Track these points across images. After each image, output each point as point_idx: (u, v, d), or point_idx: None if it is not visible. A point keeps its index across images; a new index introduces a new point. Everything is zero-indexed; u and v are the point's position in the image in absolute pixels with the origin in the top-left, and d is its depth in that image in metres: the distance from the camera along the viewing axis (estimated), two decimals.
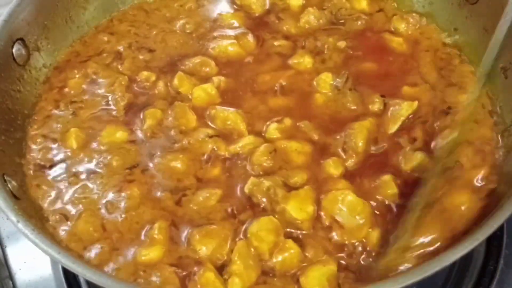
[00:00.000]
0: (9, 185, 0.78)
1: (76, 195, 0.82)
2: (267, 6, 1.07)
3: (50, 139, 0.89)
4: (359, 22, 1.03)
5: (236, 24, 1.04)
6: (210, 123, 0.89)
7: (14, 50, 0.90)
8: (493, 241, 0.90)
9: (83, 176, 0.84)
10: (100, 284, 0.66)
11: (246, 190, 0.80)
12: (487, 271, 0.88)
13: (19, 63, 0.91)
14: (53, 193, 0.83)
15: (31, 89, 0.94)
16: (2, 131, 0.85)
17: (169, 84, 0.94)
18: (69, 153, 0.87)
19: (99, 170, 0.85)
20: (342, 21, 1.04)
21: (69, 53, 1.01)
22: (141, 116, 0.90)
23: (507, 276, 0.88)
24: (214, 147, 0.86)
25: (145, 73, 0.96)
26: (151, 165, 0.85)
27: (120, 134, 0.88)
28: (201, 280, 0.72)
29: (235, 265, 0.73)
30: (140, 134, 0.89)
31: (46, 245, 0.68)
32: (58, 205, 0.81)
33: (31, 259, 0.94)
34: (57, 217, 0.80)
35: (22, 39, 0.91)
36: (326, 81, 0.93)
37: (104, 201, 0.81)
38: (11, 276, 0.93)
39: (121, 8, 1.09)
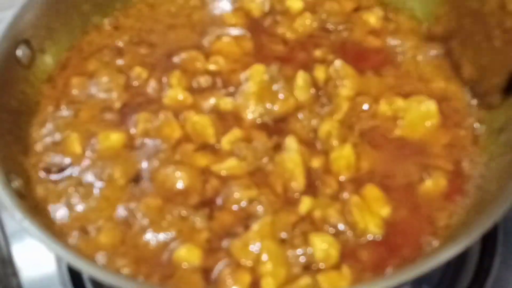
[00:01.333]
0: (14, 184, 0.78)
1: (87, 205, 0.80)
2: (267, 9, 1.07)
3: (53, 142, 0.88)
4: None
5: (236, 24, 1.04)
6: None
7: (18, 52, 0.91)
8: (488, 239, 0.91)
9: (89, 182, 0.82)
10: (105, 282, 0.66)
11: (302, 212, 0.78)
12: (482, 269, 0.89)
13: (24, 64, 0.92)
14: (62, 201, 0.81)
15: (35, 89, 0.94)
16: (7, 131, 0.85)
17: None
18: (72, 158, 0.85)
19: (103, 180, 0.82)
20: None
21: (72, 51, 1.00)
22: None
23: (503, 274, 0.89)
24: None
25: (138, 69, 0.95)
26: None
27: (116, 137, 0.86)
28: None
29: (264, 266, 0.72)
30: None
31: (51, 243, 0.69)
32: (69, 214, 0.80)
33: (36, 257, 0.95)
34: (75, 232, 0.78)
35: (27, 41, 0.92)
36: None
37: (119, 209, 0.79)
38: (16, 274, 0.94)
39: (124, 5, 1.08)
